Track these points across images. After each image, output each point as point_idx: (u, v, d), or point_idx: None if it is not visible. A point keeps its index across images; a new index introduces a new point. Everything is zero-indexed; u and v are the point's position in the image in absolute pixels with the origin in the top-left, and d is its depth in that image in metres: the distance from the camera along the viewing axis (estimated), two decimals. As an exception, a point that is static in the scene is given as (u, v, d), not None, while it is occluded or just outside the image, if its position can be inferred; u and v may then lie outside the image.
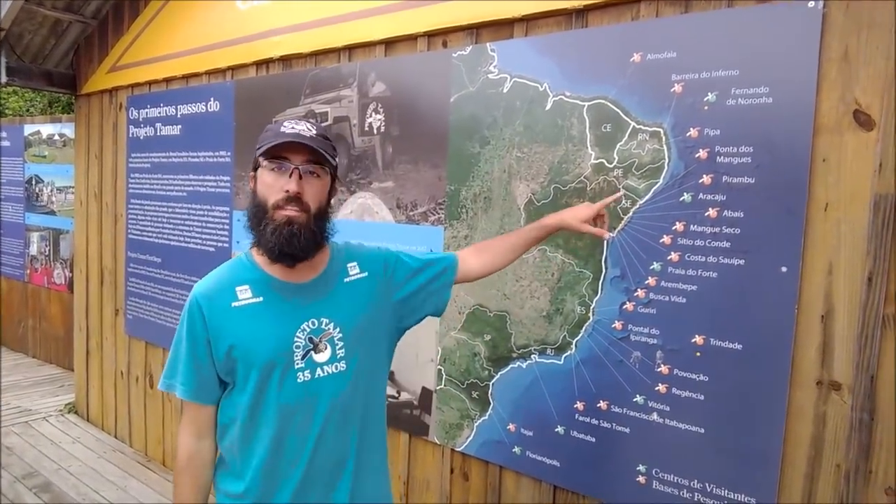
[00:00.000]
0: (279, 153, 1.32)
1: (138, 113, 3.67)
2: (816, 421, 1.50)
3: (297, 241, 1.30)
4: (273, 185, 1.32)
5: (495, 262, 1.65)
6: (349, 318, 1.42)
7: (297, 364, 1.35)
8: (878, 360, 1.42)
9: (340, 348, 1.40)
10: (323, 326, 1.38)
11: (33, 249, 5.85)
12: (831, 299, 1.48)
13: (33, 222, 5.84)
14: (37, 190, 5.80)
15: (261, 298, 1.37)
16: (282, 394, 1.34)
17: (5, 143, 6.12)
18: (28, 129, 5.88)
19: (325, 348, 1.38)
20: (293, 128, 1.33)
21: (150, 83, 3.61)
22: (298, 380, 1.35)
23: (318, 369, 1.37)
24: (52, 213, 5.65)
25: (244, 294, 1.37)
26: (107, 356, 4.13)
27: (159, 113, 3.52)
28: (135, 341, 3.85)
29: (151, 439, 3.80)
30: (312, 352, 1.37)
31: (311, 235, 1.32)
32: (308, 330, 1.37)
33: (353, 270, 1.48)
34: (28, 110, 9.25)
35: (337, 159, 1.42)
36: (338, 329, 1.40)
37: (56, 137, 5.63)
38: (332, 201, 1.44)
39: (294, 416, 1.35)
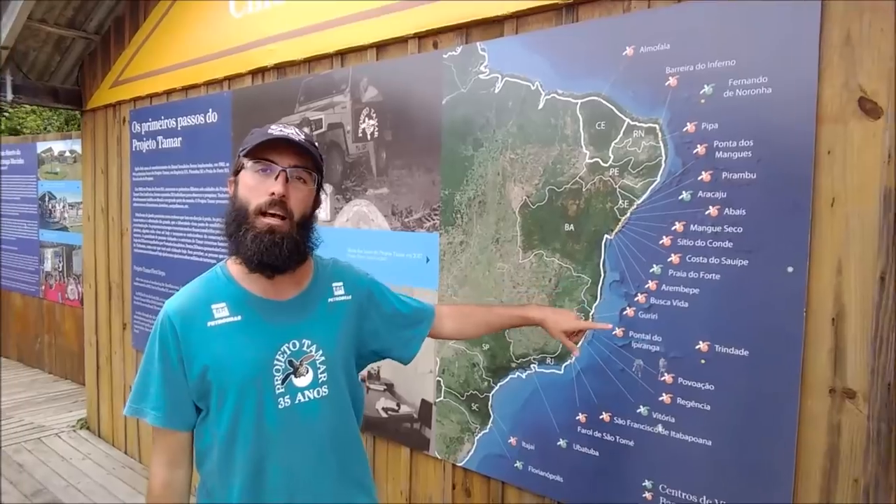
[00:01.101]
0: (265, 154, 1.24)
1: (140, 126, 3.67)
2: (831, 431, 1.40)
3: (278, 250, 1.21)
4: (256, 187, 1.23)
5: (466, 332, 1.60)
6: (331, 341, 1.34)
7: (277, 389, 1.26)
8: (895, 366, 1.32)
9: (322, 372, 1.31)
10: (304, 349, 1.30)
11: (48, 265, 5.89)
12: (842, 300, 1.38)
13: (47, 238, 5.89)
14: (50, 206, 5.85)
15: (239, 317, 1.27)
16: (261, 420, 1.26)
17: (19, 161, 6.19)
18: (41, 147, 5.94)
19: (307, 372, 1.30)
20: (281, 130, 1.26)
21: (151, 96, 3.60)
22: (279, 406, 1.27)
23: (299, 394, 1.29)
24: (65, 228, 5.69)
25: (221, 312, 1.27)
26: (116, 371, 4.12)
27: (160, 126, 3.51)
28: (142, 355, 3.82)
29: (160, 454, 3.76)
30: (293, 375, 1.28)
31: (293, 245, 1.23)
32: (288, 352, 1.28)
33: (338, 291, 1.40)
34: (45, 129, 9.40)
35: (323, 170, 1.35)
36: (320, 352, 1.31)
37: (67, 154, 5.68)
38: (316, 212, 1.35)
39: (274, 443, 1.27)
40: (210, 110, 3.16)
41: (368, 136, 2.36)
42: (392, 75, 2.27)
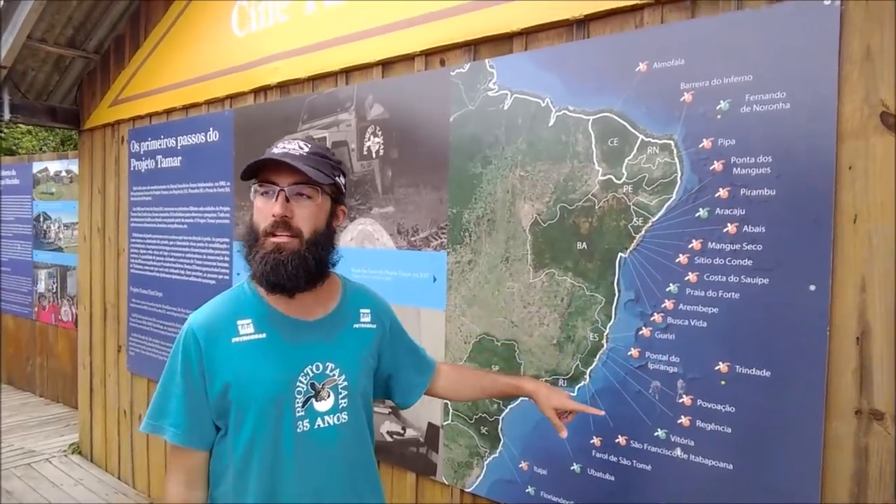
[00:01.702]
0: (268, 176, 1.22)
1: (139, 146, 3.63)
2: (857, 454, 1.36)
3: (283, 269, 1.19)
4: (262, 209, 1.23)
5: (460, 394, 1.59)
6: (354, 367, 1.31)
7: (298, 412, 1.23)
8: (925, 386, 1.28)
9: (343, 398, 1.28)
10: (328, 372, 1.27)
11: (41, 287, 5.81)
12: (866, 318, 1.34)
13: (41, 259, 5.82)
14: (45, 227, 5.79)
15: (264, 335, 1.25)
16: (277, 443, 1.22)
17: (14, 182, 6.14)
18: (36, 167, 5.90)
19: (328, 396, 1.27)
20: (283, 147, 1.24)
21: (150, 115, 3.58)
22: (298, 429, 1.24)
23: (319, 419, 1.26)
24: (60, 249, 5.63)
25: (246, 329, 1.25)
26: (110, 394, 4.03)
27: (160, 145, 3.48)
28: (137, 378, 3.75)
29: (155, 480, 3.68)
30: (314, 399, 1.25)
31: (300, 263, 1.20)
32: (311, 374, 1.25)
33: (365, 318, 1.38)
34: (41, 149, 9.35)
35: (340, 178, 1.31)
36: (343, 377, 1.28)
37: (63, 174, 5.64)
38: (335, 225, 1.32)
39: (289, 468, 1.23)
40: (211, 129, 3.13)
41: (374, 154, 2.33)
42: (398, 93, 2.25)
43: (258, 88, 2.86)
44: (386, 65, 2.32)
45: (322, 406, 1.26)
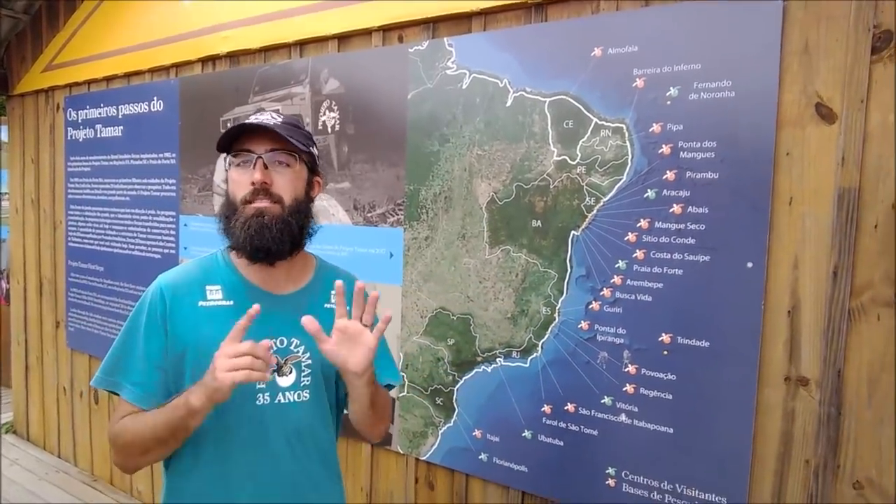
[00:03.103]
0: (242, 145, 1.21)
1: (77, 114, 3.48)
2: (785, 417, 1.49)
3: (268, 232, 1.18)
4: (240, 180, 1.22)
5: (357, 423, 1.37)
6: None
7: (258, 384, 1.22)
8: (845, 355, 1.41)
9: (306, 375, 1.28)
10: (292, 348, 1.27)
11: (-34, 260, 5.51)
12: (797, 294, 1.46)
13: (-35, 231, 5.50)
14: (-32, 197, 5.46)
15: (231, 303, 1.24)
16: (235, 412, 1.21)
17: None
18: (-42, 133, 5.53)
19: (290, 372, 1.26)
20: (256, 118, 1.23)
21: (89, 82, 3.42)
22: (258, 401, 1.23)
23: (280, 394, 1.25)
24: (-14, 220, 5.34)
25: (214, 294, 1.24)
26: (48, 371, 3.90)
27: (100, 114, 3.34)
28: (78, 355, 3.64)
29: (98, 457, 3.60)
30: (276, 373, 1.24)
31: (285, 227, 1.21)
32: (275, 348, 1.24)
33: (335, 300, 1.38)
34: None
35: (314, 149, 1.31)
36: (307, 354, 1.27)
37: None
38: (313, 195, 1.32)
39: (243, 442, 1.23)
40: (155, 98, 3.03)
41: (329, 129, 2.32)
42: (355, 68, 2.24)
43: (206, 58, 2.78)
44: (342, 39, 2.30)
45: (284, 381, 1.26)
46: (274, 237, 1.19)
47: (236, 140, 1.23)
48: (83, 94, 3.46)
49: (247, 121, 1.23)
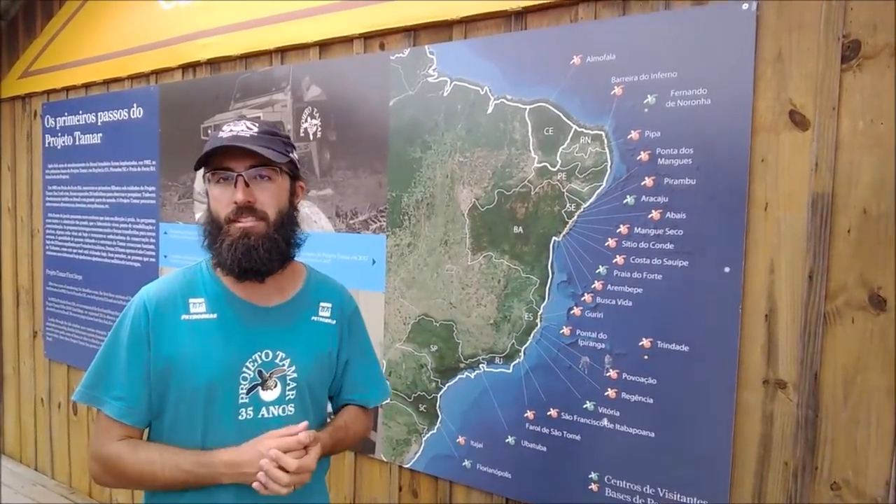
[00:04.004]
0: (221, 162, 1.19)
1: (55, 121, 3.44)
2: (764, 420, 1.51)
3: (255, 253, 1.17)
4: (221, 198, 1.19)
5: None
6: (307, 360, 1.28)
7: (241, 398, 1.20)
8: (821, 358, 1.44)
9: (291, 389, 1.26)
10: (277, 361, 1.24)
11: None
12: (774, 298, 1.49)
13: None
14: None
15: (215, 315, 1.22)
16: (217, 428, 1.19)
17: None
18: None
19: (275, 386, 1.24)
20: (231, 130, 1.20)
21: (67, 89, 3.39)
22: (240, 416, 1.21)
23: (263, 409, 1.23)
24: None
25: (197, 308, 1.22)
26: (25, 382, 3.84)
27: (78, 121, 3.31)
28: (56, 365, 3.59)
29: (76, 469, 3.54)
30: (260, 387, 1.22)
31: (272, 245, 1.19)
32: (259, 361, 1.22)
33: (324, 312, 1.35)
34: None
35: (294, 153, 1.30)
36: (292, 368, 1.25)
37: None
38: (296, 203, 1.31)
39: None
40: (135, 105, 3.00)
41: (311, 136, 2.32)
42: (336, 75, 2.24)
43: (187, 64, 2.77)
44: (323, 46, 2.31)
45: (268, 396, 1.23)
46: (262, 258, 1.18)
47: (214, 156, 1.20)
48: (61, 101, 3.42)
49: (223, 135, 1.20)
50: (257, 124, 1.25)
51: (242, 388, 1.21)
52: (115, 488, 1.24)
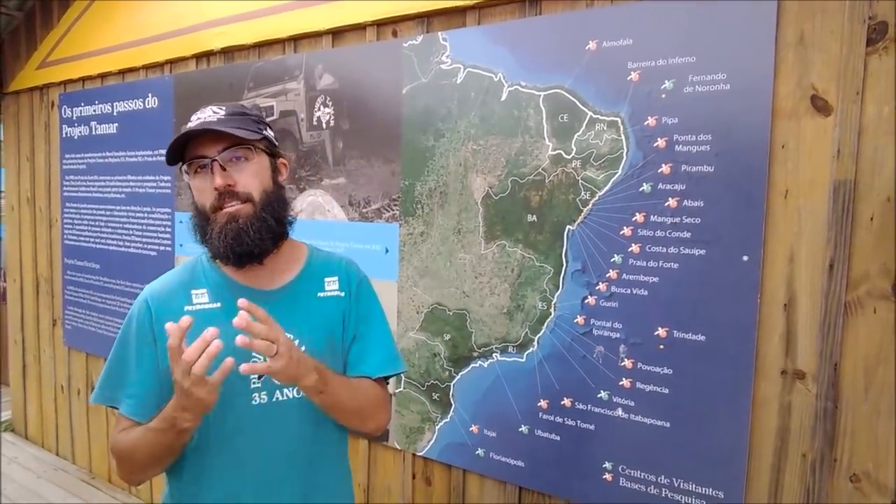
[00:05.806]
0: (194, 151, 1.17)
1: (72, 111, 3.46)
2: (782, 411, 1.49)
3: (246, 236, 1.16)
4: (202, 187, 1.18)
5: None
6: (318, 338, 1.26)
7: (253, 383, 1.20)
8: (841, 348, 1.41)
9: None
10: None
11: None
12: (793, 287, 1.46)
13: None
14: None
15: (218, 304, 1.22)
16: (230, 416, 1.19)
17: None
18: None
19: None
20: (198, 118, 1.19)
21: (83, 79, 3.41)
22: (253, 401, 1.21)
23: (277, 392, 1.22)
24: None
25: (200, 298, 1.22)
26: (45, 370, 3.90)
27: (94, 111, 3.33)
28: (75, 353, 3.64)
29: (96, 454, 3.60)
30: None
31: (261, 225, 1.18)
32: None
33: (331, 286, 1.32)
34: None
35: (268, 131, 1.26)
36: (303, 348, 1.23)
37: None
38: (282, 180, 1.28)
39: (243, 444, 1.21)
40: (150, 95, 3.01)
41: (324, 125, 2.31)
42: (349, 63, 2.23)
43: (200, 54, 2.77)
44: (336, 34, 2.29)
45: None
46: (253, 239, 1.16)
47: (185, 147, 1.18)
48: (78, 91, 3.44)
49: (190, 125, 1.18)
50: (224, 107, 1.22)
51: (254, 374, 1.21)
52: (135, 482, 1.24)
